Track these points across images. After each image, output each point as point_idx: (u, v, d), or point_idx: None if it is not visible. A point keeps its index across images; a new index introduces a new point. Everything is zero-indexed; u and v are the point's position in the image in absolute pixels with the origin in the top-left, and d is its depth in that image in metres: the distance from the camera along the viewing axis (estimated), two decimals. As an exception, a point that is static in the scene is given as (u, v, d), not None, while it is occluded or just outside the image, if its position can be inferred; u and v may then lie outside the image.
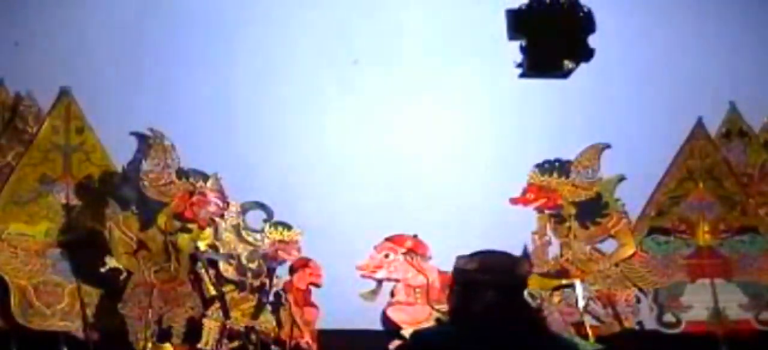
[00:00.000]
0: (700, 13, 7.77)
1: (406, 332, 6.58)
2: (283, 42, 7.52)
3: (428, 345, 3.29)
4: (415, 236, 6.83)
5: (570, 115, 7.37)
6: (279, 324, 6.58)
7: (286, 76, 7.49)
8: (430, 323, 6.57)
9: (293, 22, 7.54)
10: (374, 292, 6.83)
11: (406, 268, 6.81)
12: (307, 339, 6.59)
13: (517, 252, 6.33)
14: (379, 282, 6.83)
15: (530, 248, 6.75)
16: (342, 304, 6.92)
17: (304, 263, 6.69)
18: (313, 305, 6.71)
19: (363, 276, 6.79)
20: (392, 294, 6.87)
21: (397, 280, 6.83)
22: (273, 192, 6.84)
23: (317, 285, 6.72)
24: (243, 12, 7.55)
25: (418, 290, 6.78)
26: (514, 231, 6.41)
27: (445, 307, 6.63)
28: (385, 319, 6.85)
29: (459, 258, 3.23)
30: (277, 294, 6.63)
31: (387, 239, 6.83)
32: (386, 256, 6.81)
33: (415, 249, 6.83)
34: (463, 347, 3.15)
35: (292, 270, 6.68)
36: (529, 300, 6.48)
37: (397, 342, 6.62)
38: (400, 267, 6.80)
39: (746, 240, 7.09)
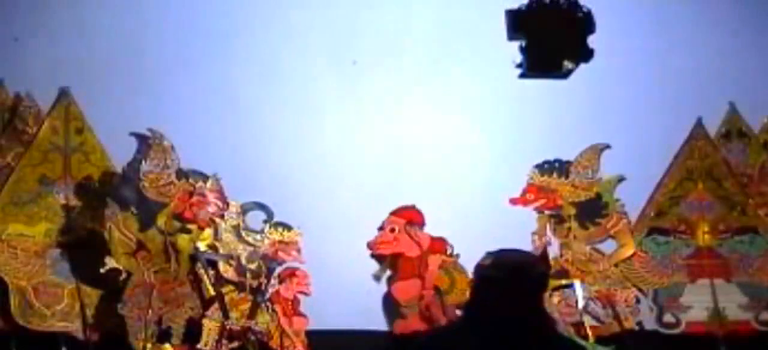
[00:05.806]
0: (699, 13, 7.76)
1: (406, 309, 6.74)
2: (282, 42, 7.51)
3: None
4: (413, 206, 6.94)
5: (570, 115, 7.36)
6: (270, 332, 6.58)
7: (285, 76, 7.48)
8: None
9: (293, 22, 7.53)
10: (383, 270, 6.95)
11: (407, 241, 6.88)
12: (299, 348, 6.57)
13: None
14: (386, 258, 6.94)
15: (530, 249, 6.73)
16: (342, 305, 6.92)
17: (290, 273, 6.67)
18: (301, 314, 6.69)
19: (373, 255, 6.93)
20: (395, 271, 6.96)
21: (401, 254, 6.90)
22: (273, 192, 6.83)
23: (306, 294, 6.71)
24: (243, 12, 7.54)
25: (415, 262, 6.85)
26: (514, 232, 6.38)
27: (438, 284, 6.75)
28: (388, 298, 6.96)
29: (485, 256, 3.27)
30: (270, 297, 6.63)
31: (392, 213, 6.93)
32: (392, 231, 6.91)
33: (413, 219, 6.93)
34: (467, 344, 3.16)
35: (280, 281, 6.64)
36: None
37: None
38: (403, 240, 6.87)
39: (746, 240, 7.08)
